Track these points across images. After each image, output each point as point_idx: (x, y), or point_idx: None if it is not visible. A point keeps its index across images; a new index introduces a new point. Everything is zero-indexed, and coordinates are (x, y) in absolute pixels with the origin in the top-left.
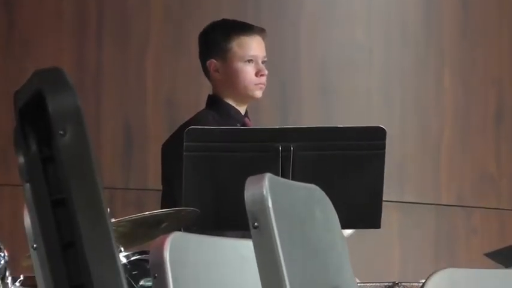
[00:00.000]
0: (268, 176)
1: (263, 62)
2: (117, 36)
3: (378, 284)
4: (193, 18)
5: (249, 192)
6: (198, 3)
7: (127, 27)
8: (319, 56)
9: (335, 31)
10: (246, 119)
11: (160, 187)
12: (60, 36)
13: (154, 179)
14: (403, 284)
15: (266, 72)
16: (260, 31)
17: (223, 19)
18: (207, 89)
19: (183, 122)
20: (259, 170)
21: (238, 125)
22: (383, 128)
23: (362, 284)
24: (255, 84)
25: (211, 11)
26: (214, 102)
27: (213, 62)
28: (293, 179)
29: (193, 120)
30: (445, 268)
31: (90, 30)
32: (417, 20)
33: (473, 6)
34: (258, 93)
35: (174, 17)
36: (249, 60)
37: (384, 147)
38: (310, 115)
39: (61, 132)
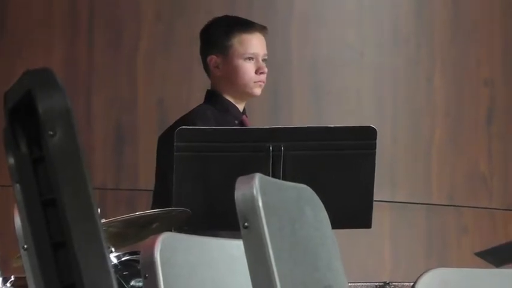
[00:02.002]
0: (258, 176)
1: (264, 60)
2: (108, 36)
3: (369, 284)
4: (184, 19)
5: (239, 192)
6: (189, 3)
7: (118, 27)
8: (310, 56)
9: (326, 31)
10: (244, 117)
11: (152, 187)
12: (51, 36)
13: (145, 179)
14: (394, 283)
15: (266, 70)
16: (261, 29)
17: (225, 15)
18: (197, 89)
19: (177, 118)
20: (250, 169)
21: (236, 121)
22: (374, 128)
23: (353, 284)
24: (255, 82)
25: (202, 12)
26: (213, 97)
27: (213, 58)
28: (284, 178)
29: (192, 114)
30: (435, 268)
31: (81, 30)
32: (408, 20)
33: (465, 6)
34: (257, 91)
35: (164, 17)
36: (250, 58)
37: (374, 147)
38: (301, 115)
39: (51, 132)
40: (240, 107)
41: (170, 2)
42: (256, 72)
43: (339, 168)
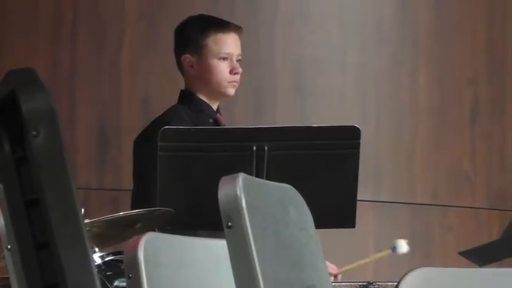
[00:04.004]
0: (242, 176)
1: (238, 60)
2: (91, 35)
3: (352, 284)
4: (168, 18)
5: (223, 192)
6: (172, 3)
7: (101, 27)
8: (294, 55)
9: (310, 31)
10: (218, 115)
11: None
12: (34, 35)
13: (129, 179)
14: (377, 283)
15: (240, 70)
16: (236, 29)
17: (200, 14)
18: (181, 88)
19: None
20: (234, 169)
21: (211, 120)
22: (357, 128)
23: (336, 284)
24: (229, 82)
25: (185, 11)
26: (187, 97)
27: (187, 57)
28: (267, 178)
29: (166, 115)
30: (419, 267)
31: (65, 30)
32: (392, 20)
33: (448, 6)
34: (231, 91)
35: (148, 17)
36: (224, 58)
37: (358, 146)
38: (284, 115)
39: (34, 132)
40: (214, 106)
41: (153, 1)
42: (230, 72)
43: (322, 168)
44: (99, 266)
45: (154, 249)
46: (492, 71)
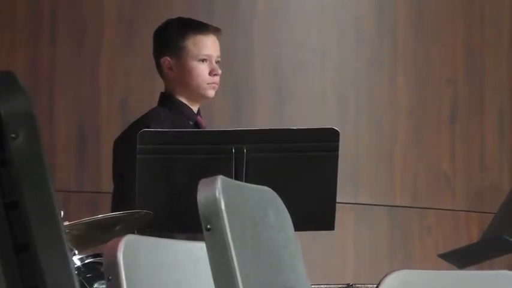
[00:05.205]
0: (220, 178)
1: (217, 62)
2: (70, 36)
3: (332, 286)
4: (146, 19)
5: (202, 194)
6: (151, 3)
7: (80, 28)
8: (273, 56)
9: (288, 31)
10: (199, 117)
11: None
12: (13, 36)
13: (108, 181)
14: (357, 285)
15: (220, 71)
16: (215, 30)
17: (179, 17)
18: (160, 89)
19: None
20: (213, 172)
21: (191, 122)
22: (336, 130)
23: (316, 286)
24: (208, 84)
25: (164, 11)
26: (167, 99)
27: (167, 60)
28: (246, 181)
29: (146, 117)
30: (399, 269)
31: (44, 31)
32: (370, 19)
33: (427, 5)
34: (211, 93)
35: (127, 17)
36: (203, 59)
37: (337, 148)
38: (263, 116)
39: (13, 135)
40: (194, 108)
41: (132, 1)
42: (210, 74)
43: (301, 170)
44: (78, 268)
45: (134, 251)
46: (471, 70)
